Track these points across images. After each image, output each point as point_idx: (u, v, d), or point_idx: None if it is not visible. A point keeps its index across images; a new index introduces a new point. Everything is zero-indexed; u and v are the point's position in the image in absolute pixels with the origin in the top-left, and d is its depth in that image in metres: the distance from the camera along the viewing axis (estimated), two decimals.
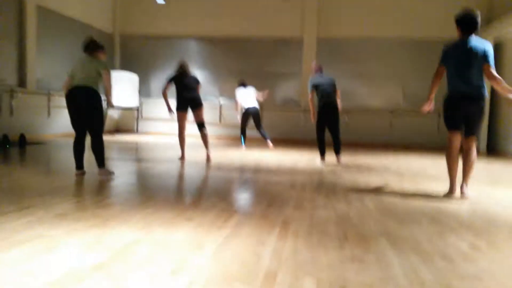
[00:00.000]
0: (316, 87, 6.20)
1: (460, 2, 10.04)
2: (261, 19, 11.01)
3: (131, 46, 11.71)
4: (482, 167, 6.39)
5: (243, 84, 8.48)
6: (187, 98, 5.81)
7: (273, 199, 3.43)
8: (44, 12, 8.74)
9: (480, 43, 3.67)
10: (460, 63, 3.69)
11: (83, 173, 4.26)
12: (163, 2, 9.66)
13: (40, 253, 1.99)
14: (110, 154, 6.48)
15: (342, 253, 2.14)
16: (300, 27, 10.83)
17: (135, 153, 7.11)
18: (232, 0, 10.96)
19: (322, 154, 6.24)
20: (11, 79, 8.07)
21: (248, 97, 8.29)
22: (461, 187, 3.80)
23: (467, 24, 3.71)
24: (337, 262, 2.01)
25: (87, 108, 4.15)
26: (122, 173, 4.58)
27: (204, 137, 5.93)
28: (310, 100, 6.30)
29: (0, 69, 7.80)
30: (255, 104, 8.26)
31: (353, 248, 2.22)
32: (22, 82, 8.27)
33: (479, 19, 3.71)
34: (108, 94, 4.30)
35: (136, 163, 5.63)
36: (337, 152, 6.26)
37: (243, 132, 8.39)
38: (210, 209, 3.02)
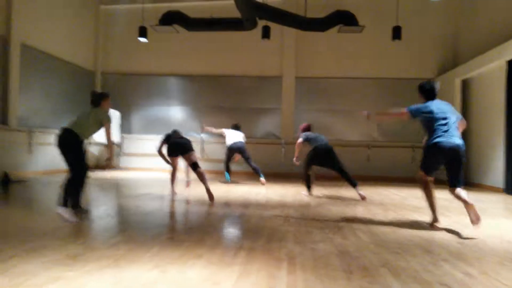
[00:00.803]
0: (309, 140, 6.64)
1: (427, 47, 10.88)
2: (242, 58, 11.43)
3: (112, 83, 11.80)
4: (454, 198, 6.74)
5: (236, 127, 8.79)
6: (179, 143, 6.00)
7: (272, 234, 3.57)
8: (27, 50, 8.80)
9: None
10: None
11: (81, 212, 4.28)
12: (145, 40, 9.90)
13: None
14: (98, 191, 6.47)
15: (351, 285, 2.29)
16: (279, 66, 11.31)
17: (123, 189, 7.09)
18: (212, 39, 11.34)
19: (309, 188, 6.58)
20: None
21: (235, 135, 8.51)
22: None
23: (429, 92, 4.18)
24: None
25: (61, 149, 4.27)
26: (116, 211, 4.61)
27: (200, 176, 5.82)
28: (298, 145, 6.69)
29: None
30: (241, 140, 8.48)
31: (359, 280, 2.39)
32: (3, 119, 8.20)
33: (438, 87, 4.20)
34: (108, 142, 4.46)
35: (126, 200, 5.64)
36: (355, 185, 6.35)
37: (227, 167, 8.53)
38: (215, 245, 3.13)
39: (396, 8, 9.12)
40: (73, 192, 4.26)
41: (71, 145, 4.26)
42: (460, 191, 3.89)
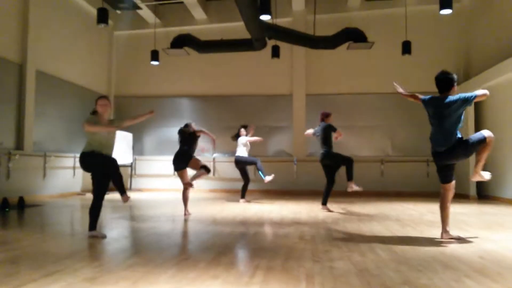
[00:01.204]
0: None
1: (438, 60, 10.83)
2: (252, 78, 11.56)
3: (125, 106, 12.01)
4: (475, 212, 6.62)
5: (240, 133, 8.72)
6: (177, 154, 6.20)
7: (288, 253, 3.53)
8: (42, 77, 9.02)
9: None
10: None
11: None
12: (157, 63, 10.10)
13: None
14: (111, 212, 6.49)
15: None
16: (290, 84, 11.40)
17: (137, 211, 7.11)
18: (223, 60, 11.49)
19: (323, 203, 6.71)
20: (9, 142, 8.14)
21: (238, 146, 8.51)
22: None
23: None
24: None
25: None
26: (131, 232, 4.62)
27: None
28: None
29: None
30: (240, 153, 8.45)
31: None
32: (19, 145, 8.35)
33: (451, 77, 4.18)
34: (133, 120, 4.77)
35: (140, 221, 5.65)
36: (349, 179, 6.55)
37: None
38: (231, 265, 3.10)
39: (405, 23, 9.16)
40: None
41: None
42: None
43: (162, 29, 11.58)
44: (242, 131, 8.63)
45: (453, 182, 4.15)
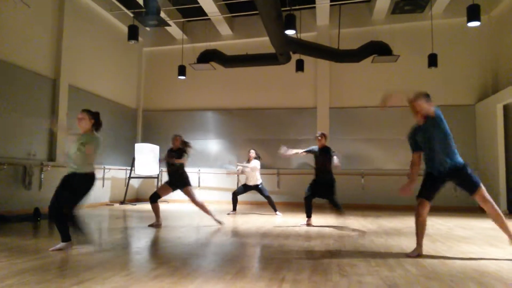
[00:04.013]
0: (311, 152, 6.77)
1: (465, 73, 10.63)
2: (277, 91, 11.64)
3: (153, 119, 12.31)
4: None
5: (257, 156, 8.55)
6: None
7: (314, 266, 3.50)
8: (74, 91, 9.36)
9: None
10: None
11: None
12: (184, 78, 10.32)
13: None
14: (137, 222, 6.60)
15: None
16: (314, 98, 11.40)
17: (163, 221, 7.19)
18: (248, 74, 11.64)
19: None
20: (41, 153, 8.44)
21: (251, 173, 8.38)
22: None
23: None
24: None
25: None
26: (157, 242, 4.69)
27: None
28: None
29: (32, 144, 8.20)
30: (256, 182, 8.42)
31: None
32: (51, 156, 8.64)
33: None
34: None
35: (166, 231, 5.72)
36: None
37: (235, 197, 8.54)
38: (257, 278, 3.10)
39: (431, 35, 9.07)
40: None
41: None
42: None
43: (189, 45, 11.86)
44: (252, 153, 8.48)
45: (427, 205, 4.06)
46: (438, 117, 4.01)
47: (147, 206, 10.27)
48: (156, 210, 6.28)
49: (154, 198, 6.28)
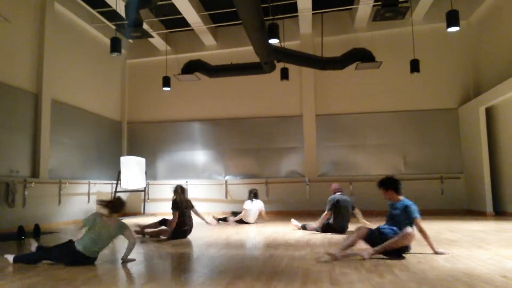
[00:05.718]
0: (336, 203, 6.55)
1: (447, 77, 10.85)
2: (262, 100, 11.69)
3: (138, 132, 12.21)
4: (493, 229, 6.47)
5: (255, 195, 8.53)
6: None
7: (305, 276, 3.48)
8: (57, 105, 9.24)
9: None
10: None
11: None
12: (168, 89, 10.28)
13: None
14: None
15: None
16: (299, 105, 11.47)
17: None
18: (233, 84, 11.66)
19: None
20: (24, 170, 8.28)
21: (251, 212, 8.39)
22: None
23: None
24: None
25: None
26: (146, 257, 4.61)
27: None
28: (324, 216, 6.62)
29: (15, 161, 8.04)
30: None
31: None
32: (35, 173, 8.48)
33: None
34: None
35: (154, 247, 5.64)
36: None
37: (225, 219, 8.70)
38: None
39: (412, 41, 9.23)
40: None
41: None
42: None
43: (173, 55, 11.84)
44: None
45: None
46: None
47: (135, 220, 10.13)
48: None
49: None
